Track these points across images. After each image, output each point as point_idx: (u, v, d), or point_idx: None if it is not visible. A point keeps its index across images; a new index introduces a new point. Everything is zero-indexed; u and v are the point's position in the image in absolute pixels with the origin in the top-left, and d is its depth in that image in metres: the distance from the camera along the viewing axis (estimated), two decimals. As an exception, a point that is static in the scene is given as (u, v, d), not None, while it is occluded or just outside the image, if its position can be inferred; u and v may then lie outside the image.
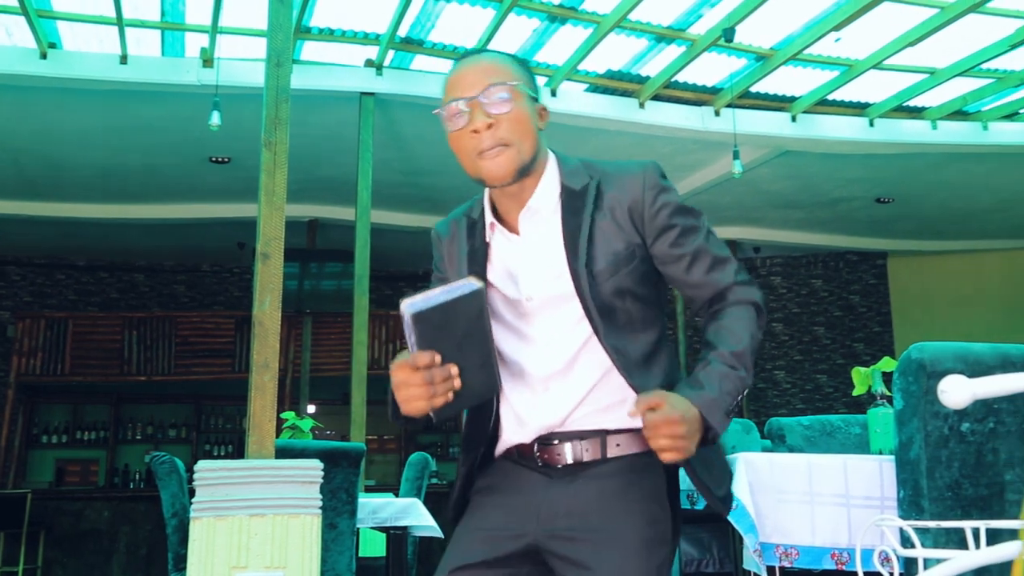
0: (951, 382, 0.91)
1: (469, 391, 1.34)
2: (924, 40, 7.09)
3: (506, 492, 1.52)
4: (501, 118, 1.45)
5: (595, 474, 1.48)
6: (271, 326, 3.63)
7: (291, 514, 3.24)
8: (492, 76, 1.47)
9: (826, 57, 7.67)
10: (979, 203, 10.56)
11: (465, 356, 1.32)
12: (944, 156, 9.07)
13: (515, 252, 1.53)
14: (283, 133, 3.88)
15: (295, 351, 10.74)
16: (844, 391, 11.89)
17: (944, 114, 8.68)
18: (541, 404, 1.49)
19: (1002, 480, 1.90)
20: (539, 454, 1.50)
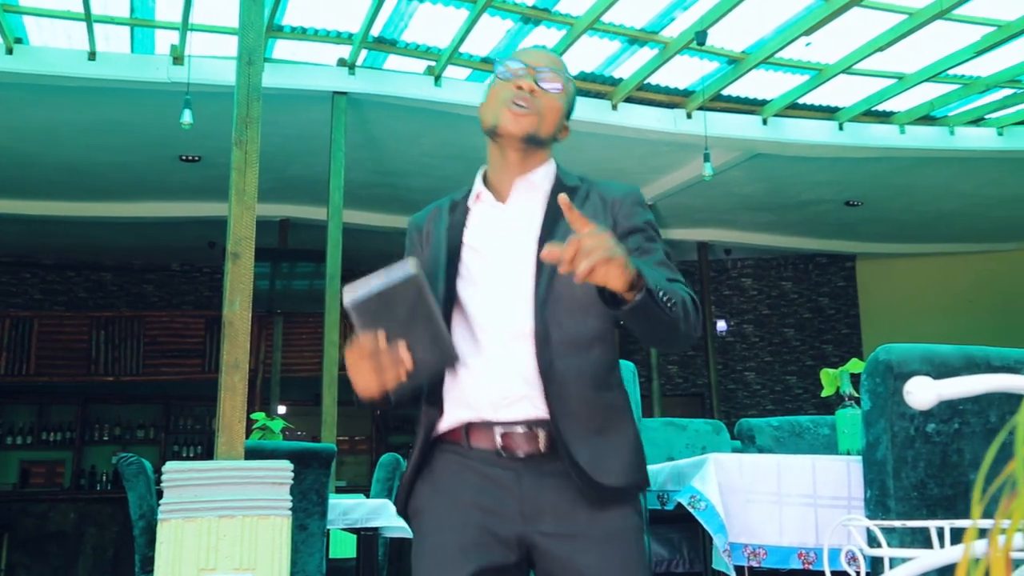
0: (916, 383, 0.92)
1: (423, 367, 1.38)
2: (893, 45, 7.18)
3: (471, 495, 1.49)
4: (544, 95, 1.59)
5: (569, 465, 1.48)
6: (241, 326, 3.60)
7: (261, 515, 3.22)
8: (555, 65, 1.63)
9: (797, 61, 7.75)
10: (946, 207, 10.71)
11: (413, 335, 1.36)
12: (912, 160, 9.18)
13: (497, 217, 1.60)
14: (254, 132, 3.85)
15: (266, 351, 10.67)
16: (813, 392, 12.00)
17: (912, 119, 8.79)
18: (504, 365, 1.49)
19: (967, 480, 1.92)
20: (502, 442, 1.48)
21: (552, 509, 1.47)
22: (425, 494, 1.54)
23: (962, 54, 7.44)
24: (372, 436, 12.34)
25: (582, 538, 1.45)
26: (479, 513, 1.47)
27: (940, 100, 8.52)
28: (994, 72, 7.98)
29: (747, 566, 1.95)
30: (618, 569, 1.45)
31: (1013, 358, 1.99)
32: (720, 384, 11.81)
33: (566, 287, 1.50)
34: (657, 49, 7.52)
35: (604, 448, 1.50)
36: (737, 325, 12.65)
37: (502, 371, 1.50)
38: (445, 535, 1.48)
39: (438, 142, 8.46)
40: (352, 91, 7.51)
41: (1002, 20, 7.00)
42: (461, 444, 1.52)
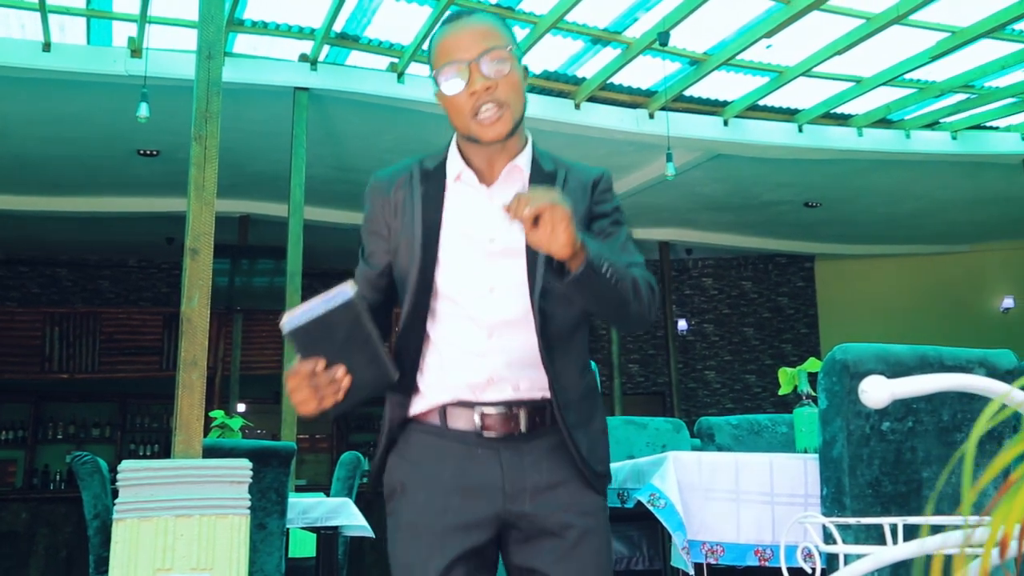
0: (871, 382, 0.93)
1: (360, 387, 1.41)
2: (851, 49, 7.28)
3: (452, 475, 1.50)
4: (499, 81, 1.51)
5: (546, 445, 1.50)
6: (200, 323, 3.56)
7: (219, 514, 3.19)
8: (489, 40, 1.52)
9: (757, 63, 7.83)
10: (902, 209, 10.89)
11: (350, 357, 1.39)
12: (869, 163, 9.33)
13: (481, 199, 1.57)
14: (214, 127, 3.80)
15: (225, 349, 10.55)
16: (772, 391, 12.15)
17: (869, 122, 8.92)
18: (490, 351, 1.50)
19: (920, 477, 1.96)
20: (481, 422, 1.49)
21: (533, 487, 1.48)
22: (402, 472, 1.54)
23: (918, 59, 7.57)
24: (333, 435, 12.26)
25: (562, 513, 1.48)
26: (460, 495, 1.48)
27: (896, 104, 8.66)
28: (948, 77, 8.13)
29: (705, 563, 1.97)
30: (592, 546, 1.48)
31: (965, 357, 2.03)
32: (680, 383, 11.90)
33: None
34: (620, 49, 7.55)
35: (593, 436, 1.54)
36: (698, 324, 12.75)
37: (487, 357, 1.51)
38: (427, 518, 1.48)
39: (400, 139, 8.42)
40: (314, 87, 7.44)
41: (956, 26, 7.13)
42: (437, 425, 1.53)
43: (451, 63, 1.51)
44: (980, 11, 6.93)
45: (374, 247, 1.63)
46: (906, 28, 7.06)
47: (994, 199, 10.48)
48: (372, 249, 1.64)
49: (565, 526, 1.48)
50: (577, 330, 1.56)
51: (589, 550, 1.49)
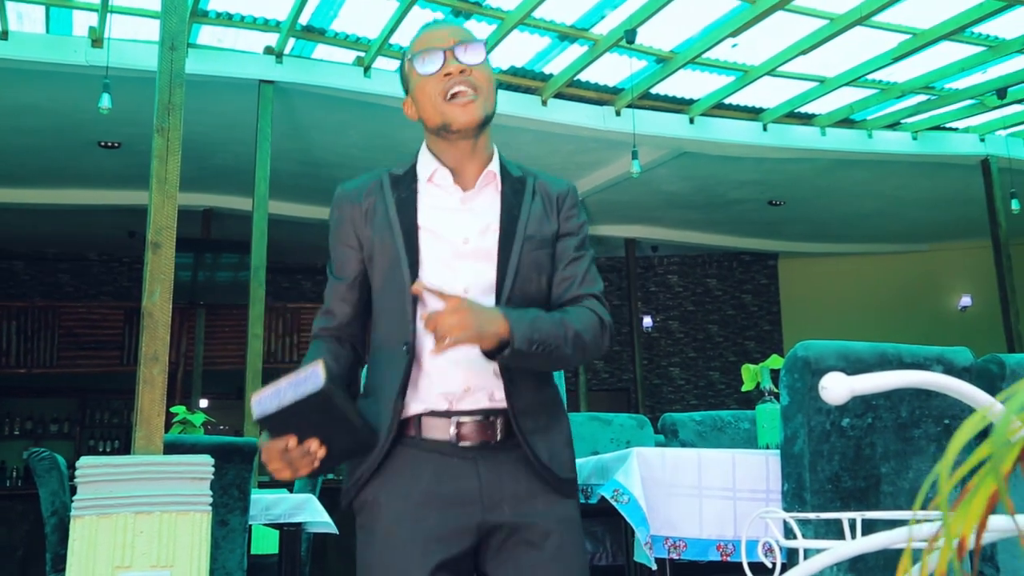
0: (831, 379, 0.95)
1: (338, 454, 1.42)
2: (815, 49, 7.36)
3: (428, 486, 1.48)
4: (474, 68, 1.55)
5: (521, 455, 1.50)
6: (161, 318, 3.52)
7: (180, 511, 3.15)
8: (463, 34, 1.59)
9: (723, 62, 7.89)
10: (863, 208, 11.03)
11: (325, 433, 1.38)
12: (832, 162, 9.44)
13: (457, 200, 1.57)
14: (176, 119, 3.76)
15: (188, 344, 10.44)
16: (736, 387, 12.26)
17: (832, 121, 9.03)
18: (464, 359, 1.48)
19: (878, 473, 1.98)
20: (457, 431, 1.49)
21: (512, 496, 1.48)
22: (376, 484, 1.52)
23: (880, 60, 7.67)
24: (297, 430, 12.17)
25: (539, 522, 1.48)
26: (438, 504, 1.47)
27: (859, 104, 8.78)
28: (909, 78, 8.25)
29: (668, 558, 1.98)
30: (570, 554, 1.50)
31: (923, 355, 2.06)
32: (645, 379, 11.97)
33: (523, 285, 1.54)
34: (587, 46, 7.57)
35: (554, 442, 1.55)
36: (663, 321, 12.84)
37: (461, 365, 1.50)
38: (404, 528, 1.46)
39: (366, 134, 8.38)
40: (279, 80, 7.38)
41: (918, 28, 7.24)
42: (412, 436, 1.51)
43: (427, 50, 1.55)
44: (940, 14, 7.04)
45: (344, 258, 1.62)
46: (869, 29, 7.16)
47: (952, 199, 10.66)
48: (341, 261, 1.62)
49: (543, 535, 1.48)
50: None
51: (566, 559, 1.49)
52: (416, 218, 1.55)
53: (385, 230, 1.55)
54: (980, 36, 7.46)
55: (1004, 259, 9.09)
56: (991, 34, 7.46)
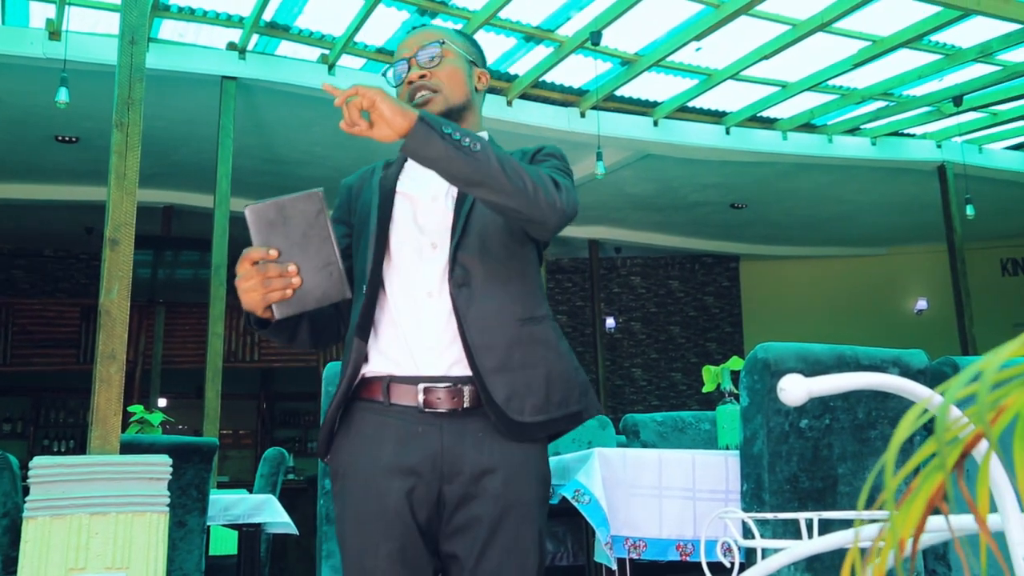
0: (789, 381, 0.96)
1: (311, 291, 1.39)
2: (777, 54, 7.44)
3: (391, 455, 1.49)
4: (433, 70, 1.63)
5: (487, 425, 1.49)
6: (119, 315, 3.46)
7: (136, 512, 3.11)
8: (427, 38, 1.67)
9: (687, 65, 7.94)
10: (824, 212, 11.18)
11: (305, 256, 1.38)
12: (793, 166, 9.55)
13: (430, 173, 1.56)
14: (136, 114, 3.70)
15: (146, 342, 10.29)
16: (697, 389, 12.35)
17: (794, 126, 9.14)
18: (430, 313, 1.51)
19: (835, 473, 2.01)
20: (425, 397, 1.49)
21: (470, 469, 1.48)
22: (346, 454, 1.54)
23: (840, 66, 7.78)
24: (257, 430, 12.07)
25: (490, 500, 1.47)
26: (401, 477, 1.47)
27: (820, 109, 8.89)
28: (869, 84, 8.37)
29: (628, 558, 1.99)
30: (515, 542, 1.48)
31: (880, 357, 2.09)
32: (608, 380, 12.02)
33: (484, 225, 1.55)
34: (552, 47, 7.58)
35: (522, 382, 1.50)
36: (625, 322, 12.90)
37: (428, 318, 1.52)
38: (372, 503, 1.48)
39: (330, 132, 8.32)
40: (242, 76, 7.30)
41: (877, 35, 7.35)
42: (381, 401, 1.52)
43: (397, 62, 1.67)
44: (899, 22, 7.15)
45: (337, 235, 1.67)
46: (830, 36, 7.25)
47: (910, 204, 10.84)
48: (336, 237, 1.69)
49: (494, 515, 1.47)
50: (512, 280, 1.55)
51: (513, 541, 1.48)
52: (395, 185, 1.64)
53: (368, 198, 1.65)
54: (937, 44, 7.59)
55: (959, 263, 9.26)
56: (948, 43, 7.60)
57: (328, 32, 7.32)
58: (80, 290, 11.45)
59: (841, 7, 6.71)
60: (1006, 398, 0.43)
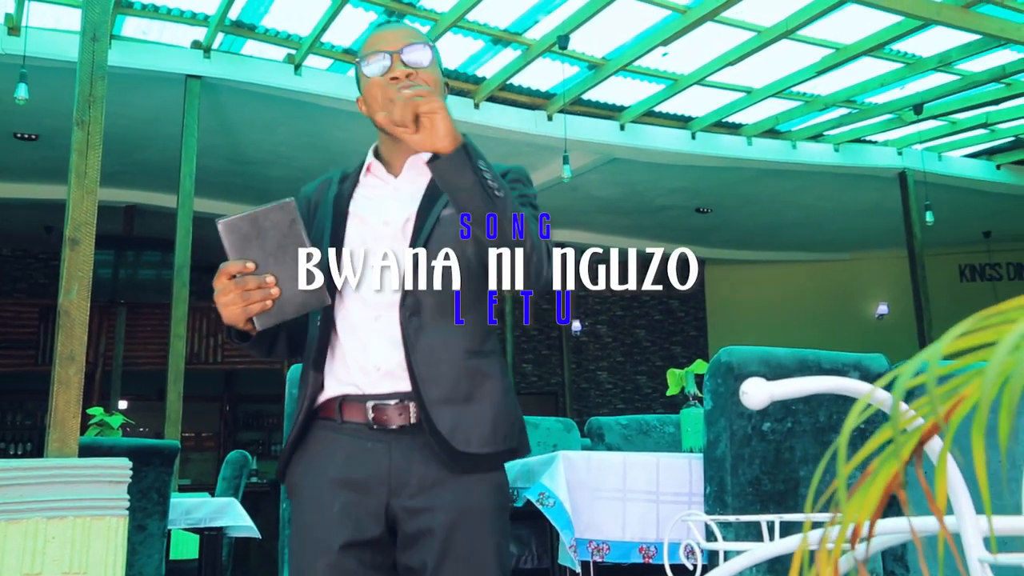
0: (751, 384, 0.96)
1: (290, 300, 1.39)
2: (742, 61, 7.51)
3: (340, 469, 1.49)
4: (419, 71, 1.58)
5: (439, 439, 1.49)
6: (78, 316, 3.41)
7: (94, 516, 3.06)
8: (412, 37, 1.61)
9: (654, 70, 7.99)
10: (787, 217, 11.30)
11: (282, 266, 1.38)
12: (758, 171, 9.64)
13: (387, 188, 1.62)
14: (98, 112, 3.65)
15: (107, 343, 10.15)
16: (662, 391, 12.37)
17: (759, 132, 9.23)
18: (378, 335, 1.51)
19: (797, 476, 2.03)
20: (374, 415, 1.49)
21: (419, 481, 1.48)
22: (299, 470, 1.55)
23: (804, 73, 7.87)
24: (220, 432, 11.95)
25: (441, 510, 1.47)
26: (346, 489, 1.48)
27: (784, 115, 8.99)
28: (832, 91, 8.48)
29: (592, 561, 2.00)
30: (471, 545, 1.46)
31: (841, 361, 2.12)
32: (573, 383, 12.06)
33: (443, 251, 1.49)
34: (520, 50, 7.59)
35: (468, 415, 1.50)
36: (591, 325, 12.95)
37: (375, 342, 1.51)
38: (315, 514, 1.49)
39: (296, 132, 8.26)
40: (207, 75, 7.23)
41: (840, 43, 7.45)
42: (334, 419, 1.53)
43: (375, 52, 1.58)
44: (861, 30, 7.25)
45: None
46: (794, 43, 7.33)
47: (872, 210, 10.99)
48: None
49: (446, 525, 1.47)
50: (467, 310, 1.54)
51: (469, 549, 1.48)
52: (348, 206, 1.61)
53: (323, 219, 1.61)
54: (898, 53, 7.71)
55: (919, 269, 9.41)
56: (909, 51, 7.72)
57: (295, 32, 7.27)
58: (39, 290, 11.26)
59: (805, 15, 6.79)
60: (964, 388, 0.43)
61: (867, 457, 0.48)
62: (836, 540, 0.45)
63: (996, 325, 0.42)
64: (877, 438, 0.45)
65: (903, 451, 0.42)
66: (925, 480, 0.45)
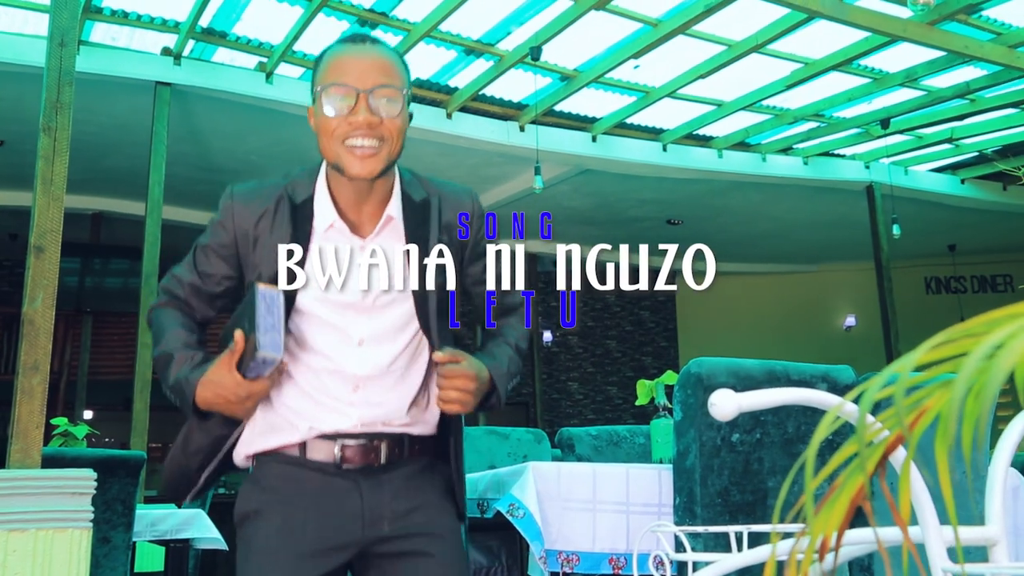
0: (719, 396, 0.97)
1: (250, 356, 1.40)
2: (713, 74, 7.58)
3: (312, 502, 1.48)
4: (385, 120, 1.44)
5: (403, 474, 1.52)
6: (43, 325, 3.36)
7: (57, 528, 3.01)
8: (386, 76, 1.45)
9: (625, 82, 8.04)
10: (756, 229, 11.40)
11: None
12: (728, 183, 9.72)
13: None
14: (65, 118, 3.61)
15: (72, 352, 10.00)
16: (633, 402, 12.39)
17: (729, 144, 9.31)
18: (357, 401, 1.50)
19: (765, 487, 2.04)
20: (342, 454, 1.48)
21: (391, 513, 1.49)
22: (257, 498, 1.50)
23: (774, 87, 7.95)
24: (187, 443, 11.79)
25: (419, 538, 1.49)
26: (317, 520, 1.47)
27: (754, 128, 9.08)
28: (801, 105, 8.58)
29: (561, 572, 1.99)
30: (448, 565, 1.50)
31: (809, 372, 2.14)
32: (544, 393, 12.06)
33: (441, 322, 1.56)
34: (493, 61, 7.61)
35: (433, 457, 1.58)
36: (562, 336, 12.96)
37: (355, 407, 1.50)
38: (282, 542, 1.45)
39: (267, 141, 8.22)
40: (177, 82, 7.17)
41: (809, 58, 7.54)
42: (296, 456, 1.51)
43: (341, 85, 1.43)
44: (830, 45, 7.35)
45: (214, 270, 1.56)
46: (764, 57, 7.41)
47: (839, 222, 11.12)
48: (211, 271, 1.57)
49: (420, 550, 1.49)
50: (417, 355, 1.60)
51: (442, 572, 1.49)
52: (309, 243, 1.48)
53: (275, 268, 1.45)
54: (866, 68, 7.82)
55: (886, 281, 9.52)
56: (876, 67, 7.83)
57: (266, 40, 7.23)
58: (3, 298, 11.07)
59: (774, 30, 6.87)
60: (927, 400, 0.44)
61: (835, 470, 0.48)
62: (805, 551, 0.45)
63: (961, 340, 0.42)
64: (844, 451, 0.45)
65: (867, 465, 0.42)
66: (889, 492, 0.46)
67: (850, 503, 0.46)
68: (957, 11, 6.63)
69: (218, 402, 1.41)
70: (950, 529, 0.83)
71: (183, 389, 1.44)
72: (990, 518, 1.00)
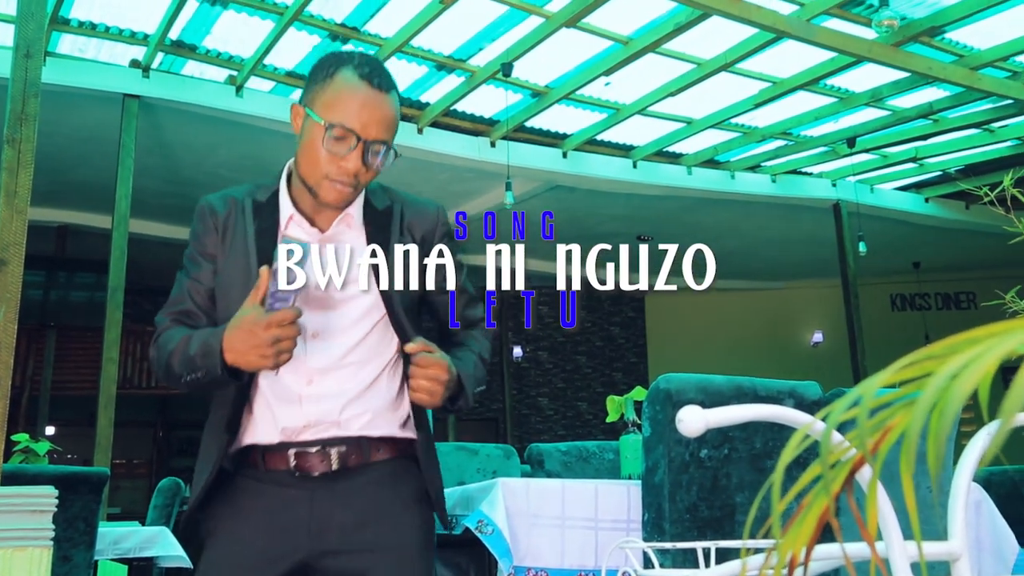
0: (687, 412, 0.97)
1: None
2: (683, 92, 7.65)
3: (262, 514, 1.48)
4: (373, 172, 1.52)
5: (362, 482, 1.50)
6: (5, 340, 3.31)
7: (16, 547, 2.94)
8: (388, 132, 1.53)
9: (596, 99, 8.10)
10: (725, 246, 11.49)
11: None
12: (697, 200, 9.80)
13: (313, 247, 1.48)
14: (30, 130, 3.57)
15: (35, 367, 9.85)
16: (603, 418, 12.41)
17: (698, 161, 9.39)
18: (308, 397, 1.49)
19: (733, 502, 2.05)
20: (296, 462, 1.48)
21: (340, 526, 1.47)
22: (215, 517, 1.52)
23: (743, 105, 8.05)
24: (152, 459, 11.65)
25: (368, 552, 1.47)
26: (265, 532, 1.47)
27: (723, 146, 9.17)
28: (769, 124, 8.68)
29: (530, 589, 1.98)
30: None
31: (776, 388, 2.15)
32: (514, 409, 12.04)
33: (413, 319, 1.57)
34: (464, 77, 7.63)
35: (400, 461, 1.55)
36: (532, 352, 12.97)
37: (305, 403, 1.50)
38: (229, 554, 1.47)
39: (237, 155, 8.17)
40: (145, 95, 7.11)
41: (777, 77, 7.64)
42: (257, 468, 1.51)
43: (347, 130, 1.47)
44: (797, 65, 7.45)
45: (204, 271, 1.58)
46: (733, 76, 7.50)
47: (806, 240, 11.24)
48: (201, 274, 1.59)
49: (359, 570, 1.47)
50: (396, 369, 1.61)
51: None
52: (275, 251, 1.50)
53: (242, 265, 1.52)
54: (832, 88, 7.93)
55: (852, 297, 9.64)
56: (842, 87, 7.95)
57: (236, 53, 7.20)
58: (-36, 312, 10.91)
59: (743, 49, 6.95)
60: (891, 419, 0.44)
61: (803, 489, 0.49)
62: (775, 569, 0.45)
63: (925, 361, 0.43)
64: (813, 470, 0.45)
65: (832, 486, 0.43)
66: (856, 508, 0.46)
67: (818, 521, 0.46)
68: (921, 33, 6.75)
69: (245, 348, 1.37)
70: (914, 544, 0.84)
71: (211, 345, 1.40)
72: (952, 533, 1.01)
